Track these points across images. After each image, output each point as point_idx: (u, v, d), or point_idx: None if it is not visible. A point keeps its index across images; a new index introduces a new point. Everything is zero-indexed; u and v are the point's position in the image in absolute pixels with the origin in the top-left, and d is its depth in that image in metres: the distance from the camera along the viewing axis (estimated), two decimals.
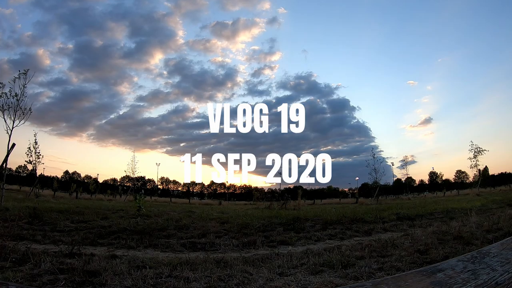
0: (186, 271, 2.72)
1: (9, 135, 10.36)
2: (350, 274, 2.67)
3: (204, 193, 70.08)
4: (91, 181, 53.85)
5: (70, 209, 8.05)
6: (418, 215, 7.53)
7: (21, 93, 10.83)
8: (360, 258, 3.21)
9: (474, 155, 26.16)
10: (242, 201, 38.68)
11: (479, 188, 26.03)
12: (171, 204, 21.51)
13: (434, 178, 65.33)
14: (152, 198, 37.52)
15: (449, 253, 3.18)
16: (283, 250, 3.91)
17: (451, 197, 24.56)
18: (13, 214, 6.17)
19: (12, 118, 10.60)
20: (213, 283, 2.45)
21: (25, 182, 36.07)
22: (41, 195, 19.10)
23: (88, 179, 61.35)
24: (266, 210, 13.42)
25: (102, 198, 28.76)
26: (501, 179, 41.04)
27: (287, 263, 3.07)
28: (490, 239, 3.76)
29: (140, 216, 7.56)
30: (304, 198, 30.18)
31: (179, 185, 73.44)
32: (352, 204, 23.65)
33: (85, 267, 2.71)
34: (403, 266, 2.83)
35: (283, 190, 50.14)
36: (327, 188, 68.46)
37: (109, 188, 45.97)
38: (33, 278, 2.46)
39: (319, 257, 3.30)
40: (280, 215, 8.23)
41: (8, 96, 10.60)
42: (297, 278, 2.57)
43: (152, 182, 68.13)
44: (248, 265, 3.04)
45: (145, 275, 2.56)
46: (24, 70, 11.08)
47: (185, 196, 52.79)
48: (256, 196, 27.75)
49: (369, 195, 31.86)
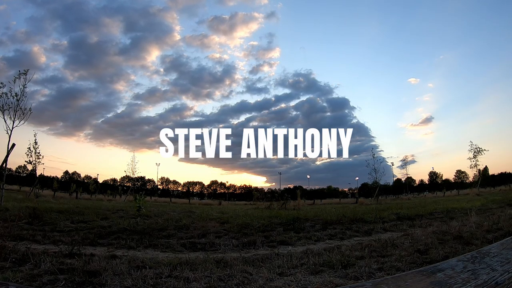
0: (186, 271, 2.72)
1: (9, 135, 10.37)
2: (350, 274, 2.67)
3: (204, 193, 70.08)
4: (91, 181, 53.88)
5: (70, 209, 8.04)
6: (418, 215, 7.53)
7: (21, 93, 10.84)
8: (360, 258, 3.21)
9: (474, 155, 26.23)
10: (242, 201, 38.72)
11: (479, 188, 26.07)
12: (171, 204, 21.52)
13: (434, 178, 65.35)
14: (152, 198, 37.54)
15: (449, 253, 3.18)
16: (283, 250, 3.91)
17: (451, 197, 24.58)
18: (13, 214, 6.17)
19: (12, 118, 10.62)
20: (213, 283, 2.44)
21: (25, 182, 36.11)
22: (41, 195, 19.10)
23: (88, 179, 61.38)
24: (266, 210, 13.42)
25: (102, 198, 28.79)
26: (501, 179, 41.09)
27: (287, 263, 3.07)
28: (490, 239, 3.76)
29: (140, 216, 7.56)
30: (304, 198, 30.18)
31: (179, 185, 73.38)
32: (352, 204, 23.66)
33: (85, 267, 2.71)
34: (403, 266, 2.83)
35: (283, 190, 50.22)
36: (327, 188, 68.48)
37: (109, 188, 45.98)
38: (33, 278, 2.46)
39: (319, 257, 3.30)
40: (280, 215, 8.23)
41: (8, 96, 10.61)
42: (297, 278, 2.57)
43: (152, 182, 68.09)
44: (248, 265, 3.04)
45: (145, 275, 2.56)
46: (24, 70, 11.09)
47: (185, 196, 52.81)
48: (256, 196, 27.74)
49: (369, 195, 31.87)
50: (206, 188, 75.13)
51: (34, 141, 17.63)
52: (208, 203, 30.50)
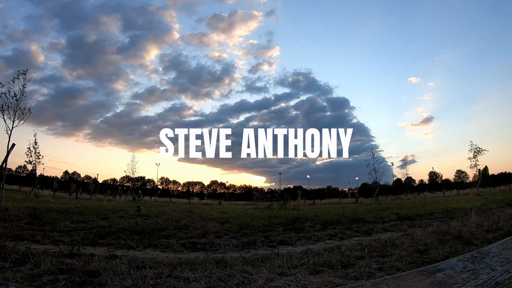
0: (186, 271, 2.72)
1: (9, 136, 10.37)
2: (350, 274, 2.67)
3: (204, 193, 70.09)
4: (91, 181, 53.91)
5: (70, 209, 8.04)
6: (418, 215, 7.53)
7: (20, 93, 10.82)
8: (360, 258, 3.21)
9: (474, 155, 26.23)
10: (242, 201, 38.70)
11: (479, 188, 26.06)
12: (171, 204, 21.51)
13: (434, 178, 65.40)
14: (152, 198, 37.54)
15: (449, 253, 3.18)
16: (283, 250, 3.91)
17: (451, 197, 24.58)
18: (13, 214, 6.17)
19: (12, 119, 10.61)
20: (213, 283, 2.44)
21: (25, 182, 36.11)
22: (41, 195, 19.09)
23: (88, 179, 61.39)
24: (266, 210, 13.42)
25: (102, 198, 28.78)
26: (501, 179, 41.13)
27: (287, 263, 3.07)
28: (490, 239, 3.76)
29: (140, 216, 7.56)
30: (304, 198, 30.18)
31: (179, 185, 73.38)
32: (352, 204, 23.65)
33: (85, 267, 2.71)
34: (403, 266, 2.83)
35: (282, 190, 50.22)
36: (327, 188, 68.52)
37: (109, 188, 45.98)
38: (33, 278, 2.46)
39: (319, 257, 3.30)
40: (280, 215, 8.23)
41: (7, 96, 10.59)
42: (297, 278, 2.56)
43: (152, 182, 68.09)
44: (248, 265, 3.04)
45: (145, 275, 2.56)
46: (23, 70, 11.07)
47: (185, 196, 52.80)
48: (256, 196, 27.74)
49: (369, 195, 31.88)
50: (206, 188, 75.15)
51: (34, 141, 17.66)
52: (208, 203, 30.48)
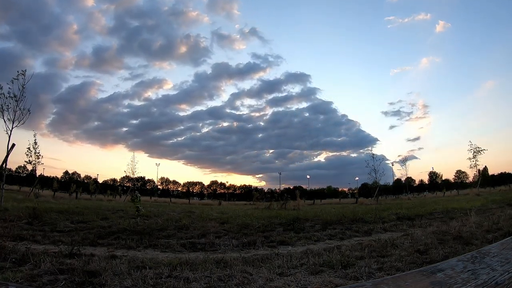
0: (186, 271, 2.72)
1: (9, 136, 10.37)
2: (350, 274, 2.67)
3: (204, 193, 70.06)
4: (91, 181, 53.89)
5: (70, 210, 8.03)
6: (418, 215, 7.52)
7: (20, 94, 10.82)
8: (360, 258, 3.21)
9: (474, 155, 26.25)
10: (241, 201, 38.67)
11: (479, 188, 26.06)
12: (171, 204, 21.50)
13: (433, 178, 65.42)
14: (152, 198, 37.54)
15: (449, 253, 3.18)
16: (283, 250, 3.91)
17: (451, 197, 24.57)
18: (13, 215, 6.17)
19: (12, 119, 10.61)
20: (213, 283, 2.44)
21: (25, 182, 36.12)
22: (41, 196, 19.08)
23: (88, 179, 61.34)
24: (265, 210, 13.42)
25: (102, 198, 28.78)
26: (501, 179, 41.18)
27: (287, 263, 3.07)
28: (490, 239, 3.76)
29: (139, 216, 7.56)
30: (303, 198, 30.18)
31: (179, 185, 73.32)
32: (352, 204, 23.64)
33: (85, 267, 2.70)
34: (403, 266, 2.83)
35: (282, 190, 50.13)
36: (327, 188, 68.52)
37: (109, 189, 45.98)
38: (33, 278, 2.45)
39: (319, 257, 3.30)
40: (280, 215, 8.23)
41: (6, 96, 10.59)
42: (297, 278, 2.56)
43: (152, 182, 68.00)
44: (248, 265, 3.04)
45: (145, 276, 2.56)
46: (23, 71, 11.06)
47: (184, 196, 52.76)
48: (255, 196, 27.69)
49: (369, 195, 31.90)
50: (206, 188, 75.12)
51: (34, 141, 17.65)
52: (208, 203, 30.46)
